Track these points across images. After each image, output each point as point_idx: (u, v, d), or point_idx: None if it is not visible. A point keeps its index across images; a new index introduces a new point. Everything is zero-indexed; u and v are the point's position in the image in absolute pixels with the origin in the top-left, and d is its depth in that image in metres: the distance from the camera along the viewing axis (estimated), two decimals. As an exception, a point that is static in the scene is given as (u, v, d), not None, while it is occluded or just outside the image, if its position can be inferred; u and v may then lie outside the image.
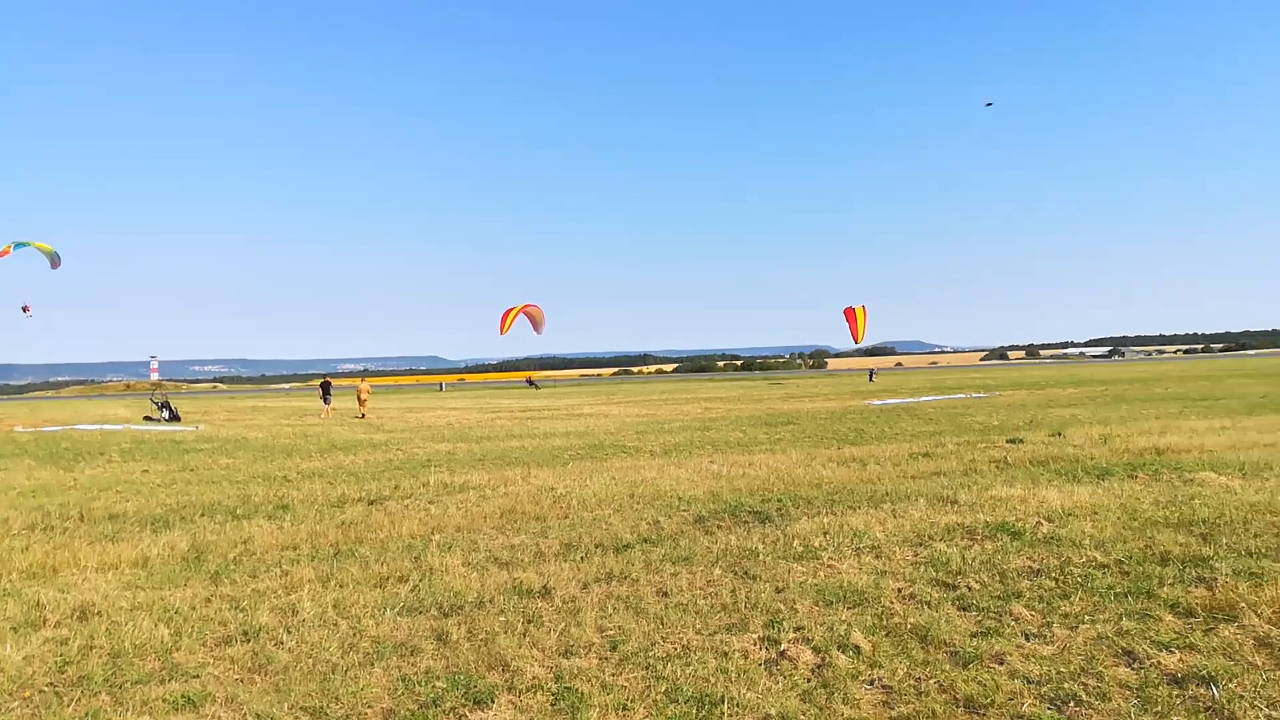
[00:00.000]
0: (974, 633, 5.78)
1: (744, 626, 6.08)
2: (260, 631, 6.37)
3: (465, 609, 6.75)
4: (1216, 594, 6.17)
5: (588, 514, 10.77)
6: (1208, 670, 5.02)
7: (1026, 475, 12.34)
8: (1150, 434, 17.27)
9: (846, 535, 8.60)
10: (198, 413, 47.93)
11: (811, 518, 9.63)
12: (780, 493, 11.74)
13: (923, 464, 14.28)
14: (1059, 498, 9.95)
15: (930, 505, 10.03)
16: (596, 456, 18.02)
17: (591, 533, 9.44)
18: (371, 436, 26.06)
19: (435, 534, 9.88)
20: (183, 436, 27.86)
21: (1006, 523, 8.73)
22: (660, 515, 10.34)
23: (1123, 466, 12.60)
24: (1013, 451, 15.31)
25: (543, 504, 11.58)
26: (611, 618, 6.38)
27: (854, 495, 11.11)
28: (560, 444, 21.31)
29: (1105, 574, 6.85)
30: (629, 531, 9.43)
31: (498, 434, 25.67)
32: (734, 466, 14.77)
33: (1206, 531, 8.05)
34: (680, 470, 14.61)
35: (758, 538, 8.73)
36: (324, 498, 13.07)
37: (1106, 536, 8.02)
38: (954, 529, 8.66)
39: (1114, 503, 9.60)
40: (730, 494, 11.81)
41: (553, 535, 9.44)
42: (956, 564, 7.35)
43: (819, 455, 16.29)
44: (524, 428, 28.06)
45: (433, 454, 19.82)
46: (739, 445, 19.40)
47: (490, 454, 19.37)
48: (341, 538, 9.86)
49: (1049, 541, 7.97)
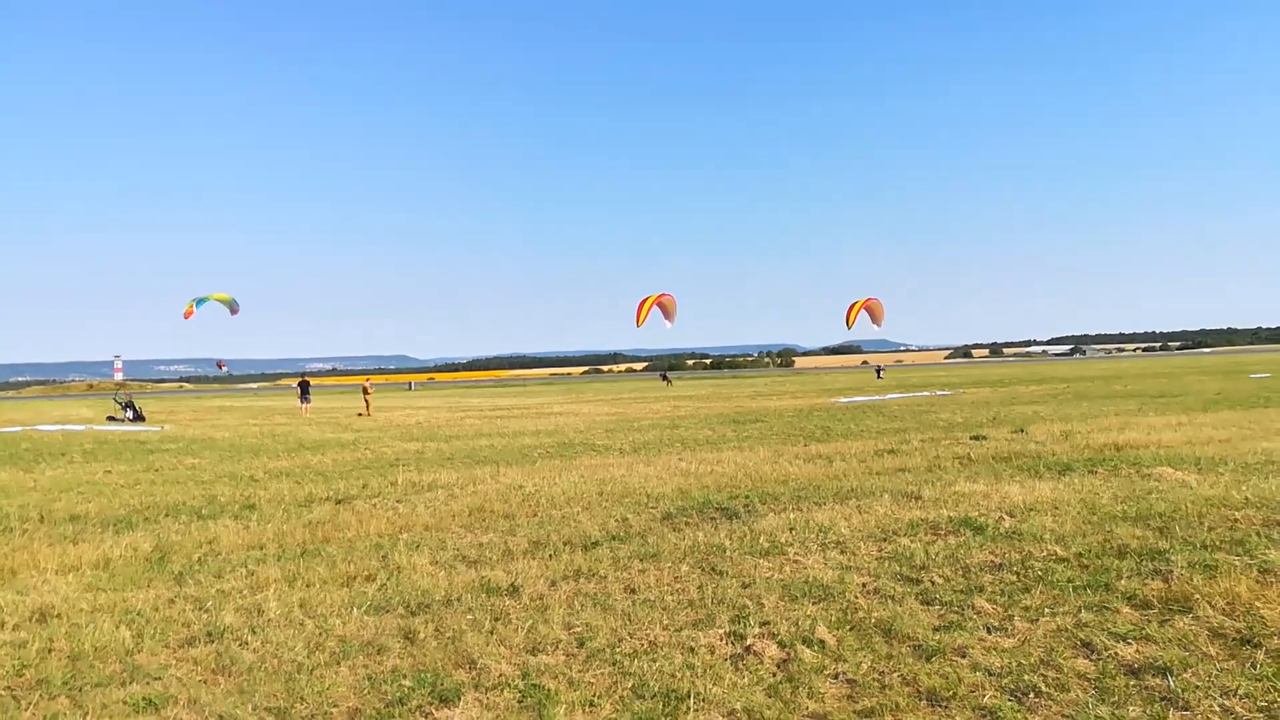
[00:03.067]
0: (937, 626, 5.83)
1: (710, 622, 6.09)
2: (224, 632, 6.29)
3: (433, 607, 6.71)
4: (1172, 586, 6.27)
5: (556, 512, 10.74)
6: (1164, 661, 5.10)
7: (989, 471, 12.48)
8: (1110, 430, 17.53)
9: (812, 531, 8.65)
10: (163, 413, 47.31)
11: (778, 514, 9.68)
12: (747, 489, 11.78)
13: (888, 461, 14.40)
14: (1021, 493, 10.07)
15: (895, 501, 10.12)
16: (566, 455, 17.99)
17: (560, 530, 9.42)
18: (340, 436, 25.85)
19: (403, 533, 9.81)
20: (147, 437, 27.47)
21: (969, 518, 8.83)
22: (629, 513, 10.34)
23: (1083, 462, 12.78)
24: (976, 448, 15.48)
25: (511, 502, 11.54)
26: (579, 615, 6.37)
27: (820, 492, 11.18)
28: (530, 442, 21.25)
29: (1065, 568, 6.95)
30: (597, 529, 9.42)
31: (467, 433, 25.56)
32: (702, 464, 14.80)
33: (1163, 525, 8.19)
34: (649, 468, 14.62)
35: (725, 534, 8.76)
36: (291, 497, 12.94)
37: (1067, 531, 8.13)
38: (918, 524, 8.74)
39: (1074, 498, 9.73)
40: (698, 491, 11.84)
41: (521, 533, 9.41)
42: (920, 559, 7.42)
43: (786, 452, 16.37)
44: (493, 426, 27.96)
45: (401, 453, 19.68)
46: (707, 443, 19.45)
47: (459, 453, 19.28)
48: (308, 537, 9.76)
49: (1011, 536, 8.07)
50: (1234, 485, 10.12)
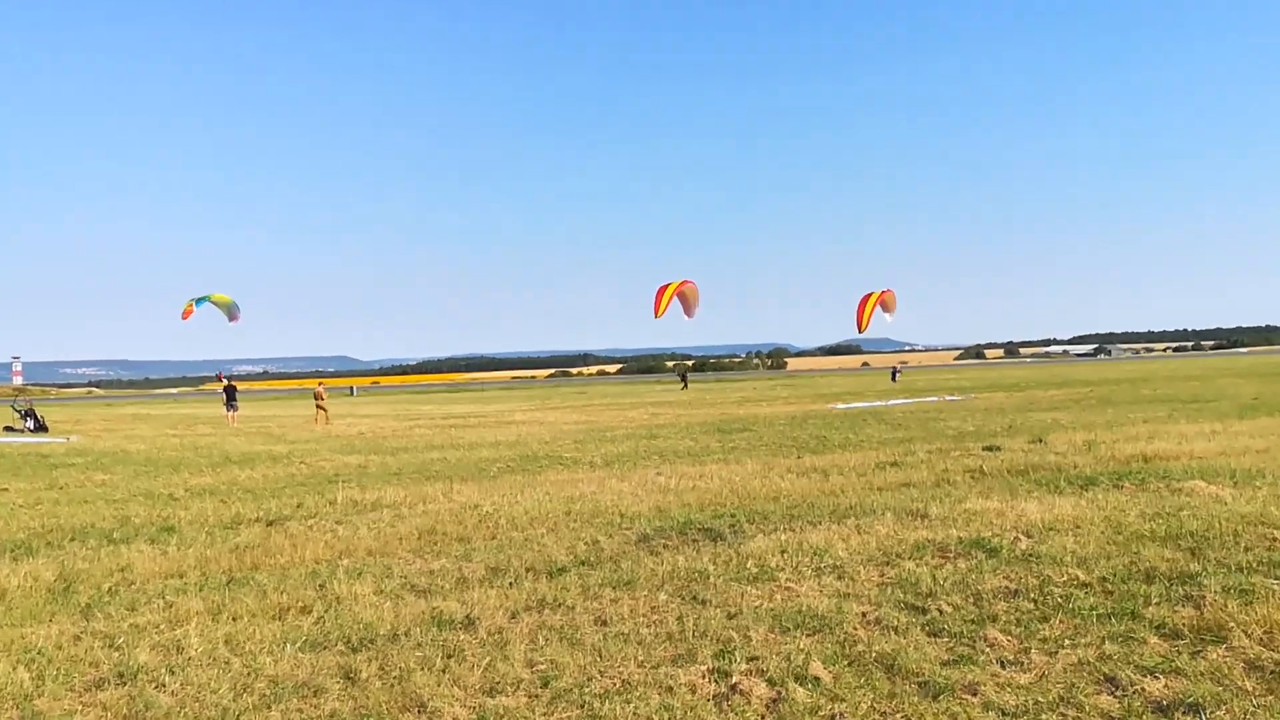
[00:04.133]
0: (945, 661, 5.87)
1: (691, 657, 6.10)
2: (138, 673, 6.23)
3: (377, 643, 6.67)
4: (1205, 613, 6.35)
5: (518, 534, 10.72)
6: (1195, 697, 5.16)
7: (1004, 486, 12.58)
8: (1137, 440, 17.71)
9: (806, 554, 8.68)
10: (69, 422, 46.73)
11: (768, 535, 9.71)
12: (734, 507, 11.80)
13: (890, 474, 14.47)
14: (1039, 511, 10.16)
15: (898, 520, 10.18)
16: (529, 469, 17.95)
17: (522, 555, 9.39)
18: (271, 448, 25.65)
19: (343, 558, 9.75)
20: (51, 449, 27.14)
21: (982, 539, 8.89)
22: (600, 534, 10.34)
23: (1108, 475, 12.90)
24: (989, 460, 15.60)
25: (467, 523, 11.49)
26: (543, 650, 6.36)
27: (815, 509, 11.22)
28: (488, 455, 21.18)
29: (1087, 594, 7.01)
30: (564, 553, 9.41)
31: (416, 444, 25.46)
32: (683, 479, 14.81)
33: (1195, 545, 8.29)
34: (623, 484, 14.61)
35: (708, 558, 8.77)
36: (216, 518, 12.84)
37: (1089, 553, 8.21)
38: (924, 546, 8.79)
39: (1098, 515, 9.83)
40: (678, 509, 11.85)
41: (478, 558, 9.38)
42: (927, 585, 7.46)
43: (777, 465, 16.42)
44: (446, 437, 27.85)
45: (341, 467, 19.57)
46: (689, 455, 19.47)
47: (407, 467, 19.20)
48: (235, 564, 9.68)
49: (1028, 559, 8.14)
50: (1273, 501, 10.27)
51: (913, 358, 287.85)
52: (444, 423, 36.60)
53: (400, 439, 27.94)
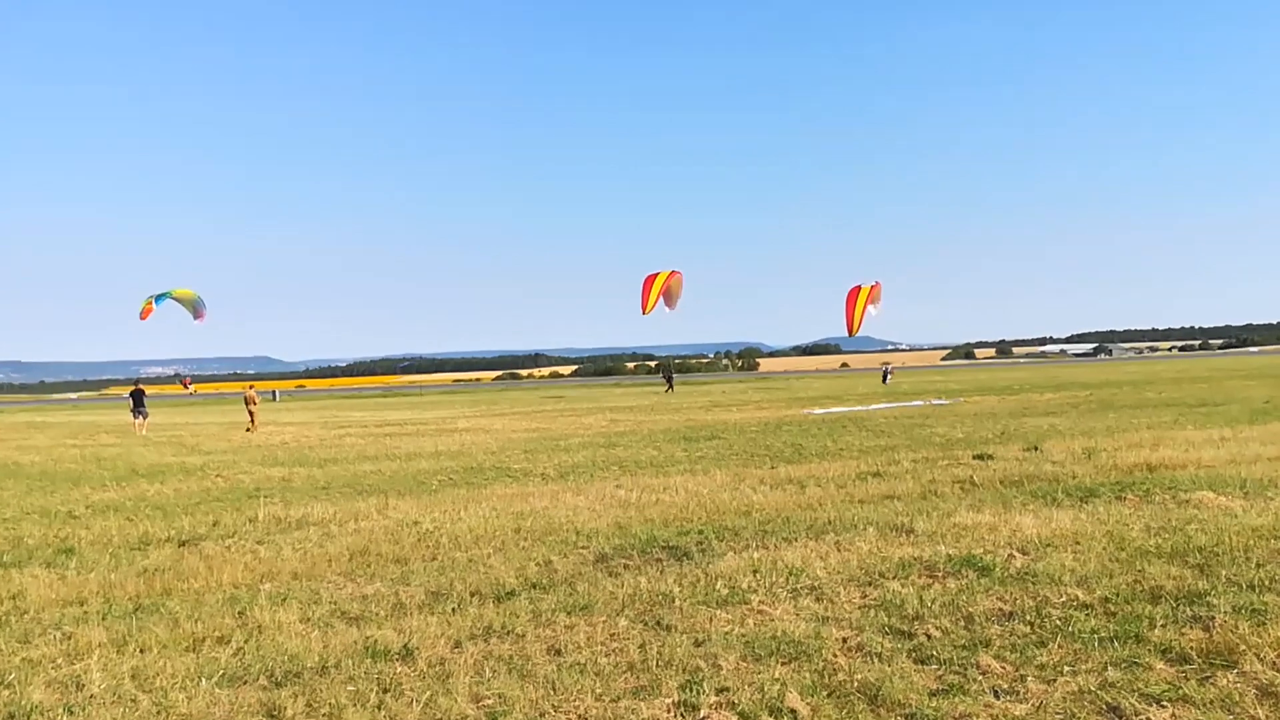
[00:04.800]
0: (934, 691, 5.91)
1: (655, 689, 6.10)
2: (32, 713, 6.12)
3: (304, 676, 6.61)
4: (1214, 635, 6.44)
5: (461, 554, 10.68)
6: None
7: (996, 498, 12.71)
8: (1141, 447, 17.97)
9: (781, 574, 8.71)
10: (-48, 431, 45.88)
11: (739, 553, 9.73)
12: (701, 523, 11.84)
13: (873, 485, 14.58)
14: (1035, 525, 10.27)
15: (881, 536, 10.24)
16: (474, 482, 17.89)
17: (466, 578, 9.35)
18: (184, 460, 25.38)
19: (265, 582, 9.68)
20: (-69, 462, 26.62)
21: (973, 556, 8.97)
22: (553, 554, 10.32)
23: (1109, 486, 13.08)
24: (980, 470, 15.75)
25: (404, 542, 11.44)
26: (490, 683, 6.33)
27: (790, 524, 11.27)
28: (428, 467, 21.08)
29: (1088, 615, 7.09)
30: (513, 575, 9.38)
31: (347, 455, 25.29)
32: (645, 492, 14.82)
33: (1203, 562, 8.42)
34: (579, 498, 14.60)
35: (673, 579, 8.77)
36: (121, 538, 12.72)
37: (1090, 571, 8.31)
38: (910, 564, 8.85)
39: (1099, 530, 9.95)
40: (640, 526, 11.86)
41: (416, 582, 9.33)
42: (913, 607, 7.51)
43: (749, 476, 16.48)
44: (381, 447, 27.67)
45: (263, 481, 19.41)
46: (652, 465, 19.48)
47: (337, 480, 19.07)
48: (144, 589, 9.59)
49: (1023, 578, 8.21)
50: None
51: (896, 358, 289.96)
52: (378, 431, 36.34)
53: (329, 449, 27.72)
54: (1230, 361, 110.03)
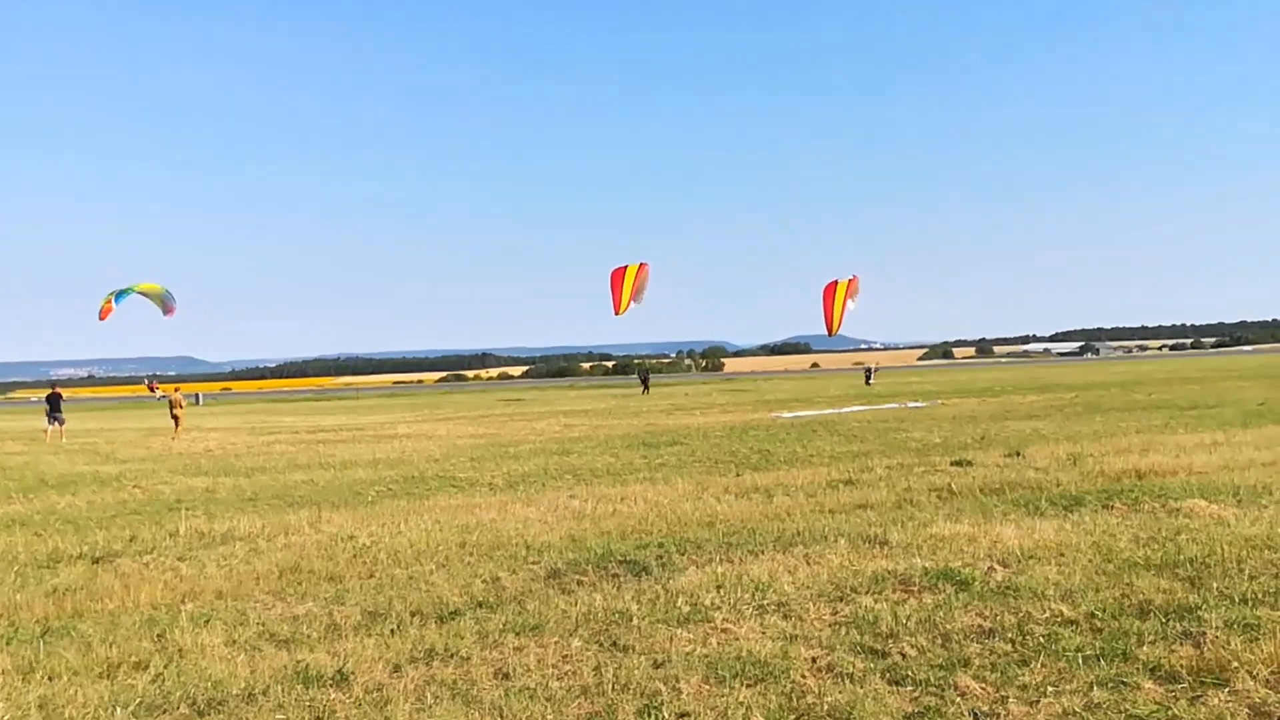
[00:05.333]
0: (909, 714, 5.94)
1: (611, 714, 6.10)
2: (-73, 748, 6.03)
3: (229, 704, 6.55)
4: (1205, 652, 6.53)
5: (401, 571, 10.62)
6: (1195, 749, 5.30)
7: (976, 507, 12.83)
8: (1130, 452, 18.21)
9: (746, 589, 8.74)
10: None
11: (701, 567, 9.76)
12: (662, 535, 11.86)
13: (844, 494, 14.67)
14: (1017, 536, 10.38)
15: (854, 548, 10.31)
16: (415, 493, 17.83)
17: (406, 596, 9.31)
18: (98, 469, 25.10)
19: (187, 602, 9.58)
20: None
21: (951, 569, 9.05)
22: (501, 570, 10.29)
23: (1096, 494, 13.24)
24: (959, 476, 15.90)
25: (338, 558, 11.37)
26: (432, 710, 6.30)
27: (756, 536, 11.31)
28: (365, 476, 20.98)
29: (1073, 632, 7.17)
30: (458, 593, 9.35)
31: (277, 464, 25.11)
32: (602, 502, 14.84)
33: (1194, 574, 8.54)
34: (529, 509, 14.59)
35: (631, 596, 8.78)
36: (28, 555, 12.55)
37: (1075, 584, 8.41)
38: (884, 578, 8.92)
39: (1085, 541, 10.07)
40: (596, 539, 11.85)
41: (352, 601, 9.28)
42: (887, 624, 7.56)
43: (713, 484, 16.53)
44: (314, 455, 27.49)
45: (184, 492, 19.24)
46: (609, 474, 19.49)
47: (265, 491, 18.95)
48: (53, 610, 9.46)
49: (1004, 592, 8.30)
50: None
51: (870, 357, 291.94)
52: (310, 437, 36.11)
53: (256, 457, 27.53)
54: (1223, 361, 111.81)
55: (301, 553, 11.80)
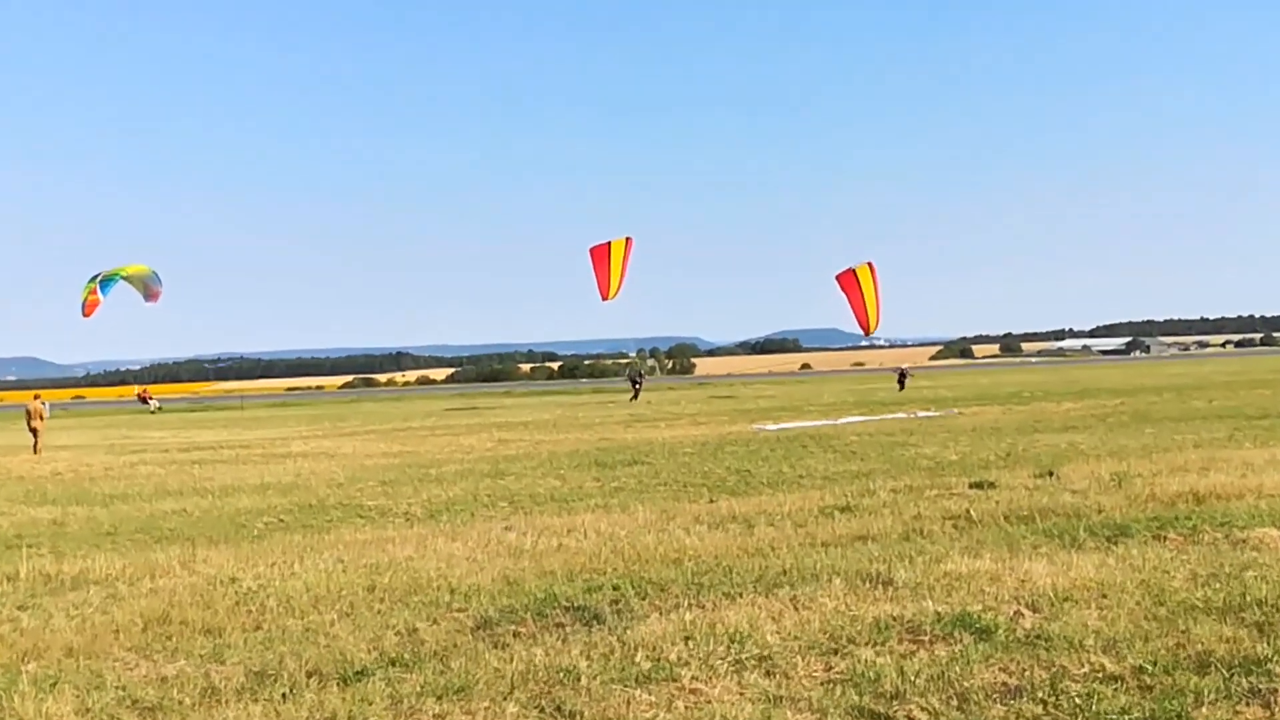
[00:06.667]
0: (919, 791, 5.96)
1: (555, 797, 6.08)
2: None
3: (79, 789, 6.49)
4: (1276, 714, 6.58)
5: (295, 621, 10.56)
6: (1264, 832, 5.34)
7: (999, 538, 12.87)
8: (1186, 471, 18.31)
9: (720, 640, 8.71)
10: None
11: (665, 614, 9.73)
12: (618, 575, 11.82)
13: (841, 524, 14.69)
14: (1049, 573, 10.39)
15: (851, 589, 10.30)
16: (313, 525, 17.76)
17: (301, 653, 9.23)
18: (-84, 497, 24.74)
19: (29, 661, 9.47)
20: None
21: (969, 614, 9.05)
22: (419, 619, 10.23)
23: (1145, 522, 13.28)
24: (979, 501, 15.95)
25: (217, 606, 11.28)
26: (333, 793, 6.26)
27: (734, 576, 11.30)
28: (250, 505, 20.84)
29: (1117, 691, 7.19)
30: (365, 648, 9.28)
31: (142, 489, 24.94)
32: (544, 535, 14.80)
33: (1263, 620, 8.57)
34: (455, 544, 14.55)
35: (579, 650, 8.74)
36: None
37: (1120, 632, 8.42)
38: (888, 625, 8.91)
39: (1131, 579, 10.10)
40: (536, 580, 11.81)
41: (234, 659, 9.20)
42: (892, 682, 7.56)
43: (680, 513, 16.51)
44: (187, 478, 27.30)
45: (26, 525, 19.09)
46: (553, 500, 19.48)
47: (127, 524, 18.82)
48: None
49: (1033, 642, 8.30)
50: (1368, 555, 10.73)
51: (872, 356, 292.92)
52: (183, 457, 35.84)
53: (116, 481, 27.30)
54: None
55: (172, 599, 11.69)
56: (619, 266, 47.28)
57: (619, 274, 47.07)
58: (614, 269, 47.18)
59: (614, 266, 47.21)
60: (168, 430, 59.90)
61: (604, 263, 47.22)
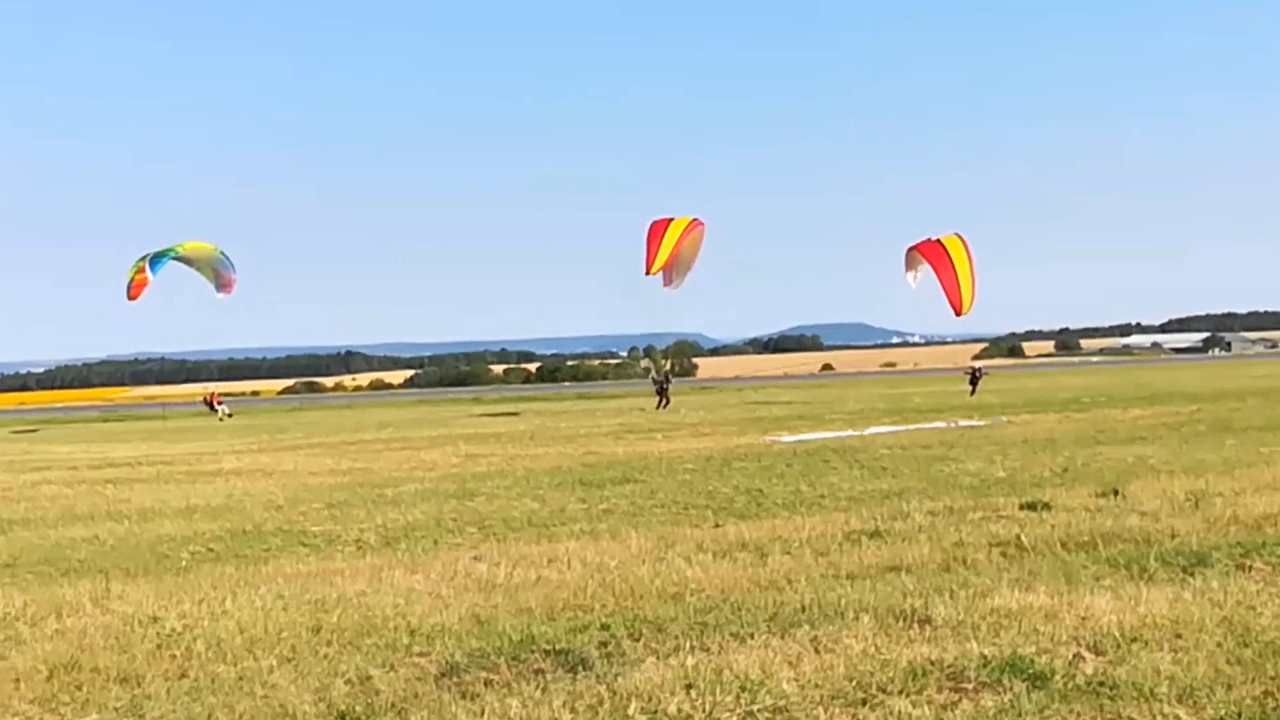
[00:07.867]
0: None
1: None
2: None
3: None
4: (1380, 773, 6.59)
5: (227, 668, 10.53)
6: None
7: (1056, 569, 12.86)
8: (1275, 490, 18.31)
9: (729, 689, 8.70)
10: None
11: (664, 659, 9.71)
12: (608, 612, 11.80)
13: (869, 552, 14.68)
14: (1114, 610, 10.39)
15: (882, 628, 10.29)
16: (247, 555, 17.74)
17: (234, 705, 9.22)
18: None
19: (-88, 718, 9.46)
20: None
21: (1020, 657, 9.04)
22: (373, 665, 10.20)
23: (1227, 549, 13.29)
24: (1031, 525, 15.94)
25: (135, 651, 11.24)
26: None
27: (743, 613, 11.28)
28: (174, 531, 20.83)
29: (1194, 746, 7.20)
30: (310, 699, 9.26)
31: (46, 513, 24.97)
32: (520, 566, 14.80)
33: (1366, 663, 8.59)
34: (415, 577, 14.54)
35: (562, 701, 8.73)
36: None
37: (1198, 678, 8.41)
38: (925, 671, 8.90)
39: (1211, 616, 10.10)
40: (512, 619, 11.79)
41: (155, 711, 9.18)
42: (931, 738, 7.57)
43: (681, 539, 16.50)
44: (99, 500, 27.28)
45: (-90, 556, 18.99)
46: (531, 525, 19.48)
47: (29, 554, 18.85)
48: None
49: (1097, 690, 8.30)
50: None
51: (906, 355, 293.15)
52: (95, 475, 35.83)
53: (16, 504, 27.33)
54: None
55: (82, 642, 11.66)
56: (670, 244, 47.44)
57: (668, 250, 47.24)
58: (665, 245, 47.35)
59: (666, 242, 47.38)
60: (77, 444, 59.83)
61: (657, 237, 47.45)
